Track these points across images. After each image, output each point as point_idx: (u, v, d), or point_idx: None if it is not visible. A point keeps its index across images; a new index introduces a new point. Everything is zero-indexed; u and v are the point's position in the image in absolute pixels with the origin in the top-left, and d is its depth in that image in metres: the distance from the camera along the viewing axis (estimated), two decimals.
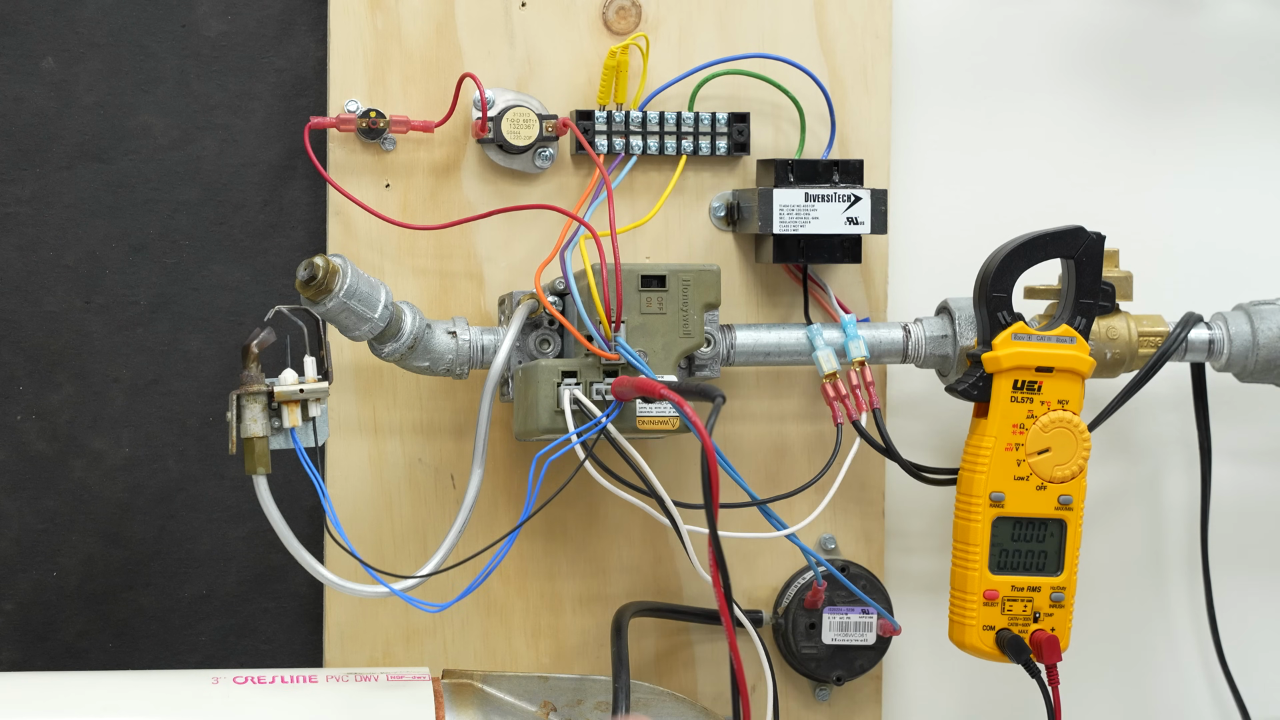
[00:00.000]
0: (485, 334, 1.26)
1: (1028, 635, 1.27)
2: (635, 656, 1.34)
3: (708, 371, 1.28)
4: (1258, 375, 1.34)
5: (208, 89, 1.31)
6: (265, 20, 1.32)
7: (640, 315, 1.23)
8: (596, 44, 1.32)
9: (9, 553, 1.31)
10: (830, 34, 1.35)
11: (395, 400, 1.31)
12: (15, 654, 1.31)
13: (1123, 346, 1.31)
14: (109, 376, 1.31)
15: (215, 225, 1.32)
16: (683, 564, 1.34)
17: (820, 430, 1.36)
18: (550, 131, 1.29)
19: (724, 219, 1.34)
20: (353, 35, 1.30)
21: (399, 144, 1.30)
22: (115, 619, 1.32)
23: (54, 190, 1.30)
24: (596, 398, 1.21)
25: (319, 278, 1.17)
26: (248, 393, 1.17)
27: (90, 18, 1.30)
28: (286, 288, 1.29)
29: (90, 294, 1.31)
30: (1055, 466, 1.27)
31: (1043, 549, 1.28)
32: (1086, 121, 1.43)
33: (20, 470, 1.31)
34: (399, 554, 1.31)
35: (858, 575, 1.35)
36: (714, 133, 1.32)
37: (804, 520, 1.29)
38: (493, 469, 1.31)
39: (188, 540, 1.33)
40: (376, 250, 1.31)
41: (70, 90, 1.30)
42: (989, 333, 1.26)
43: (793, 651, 1.34)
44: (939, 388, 1.33)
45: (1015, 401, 1.26)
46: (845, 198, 1.30)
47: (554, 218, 1.30)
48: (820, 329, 1.30)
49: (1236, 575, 1.45)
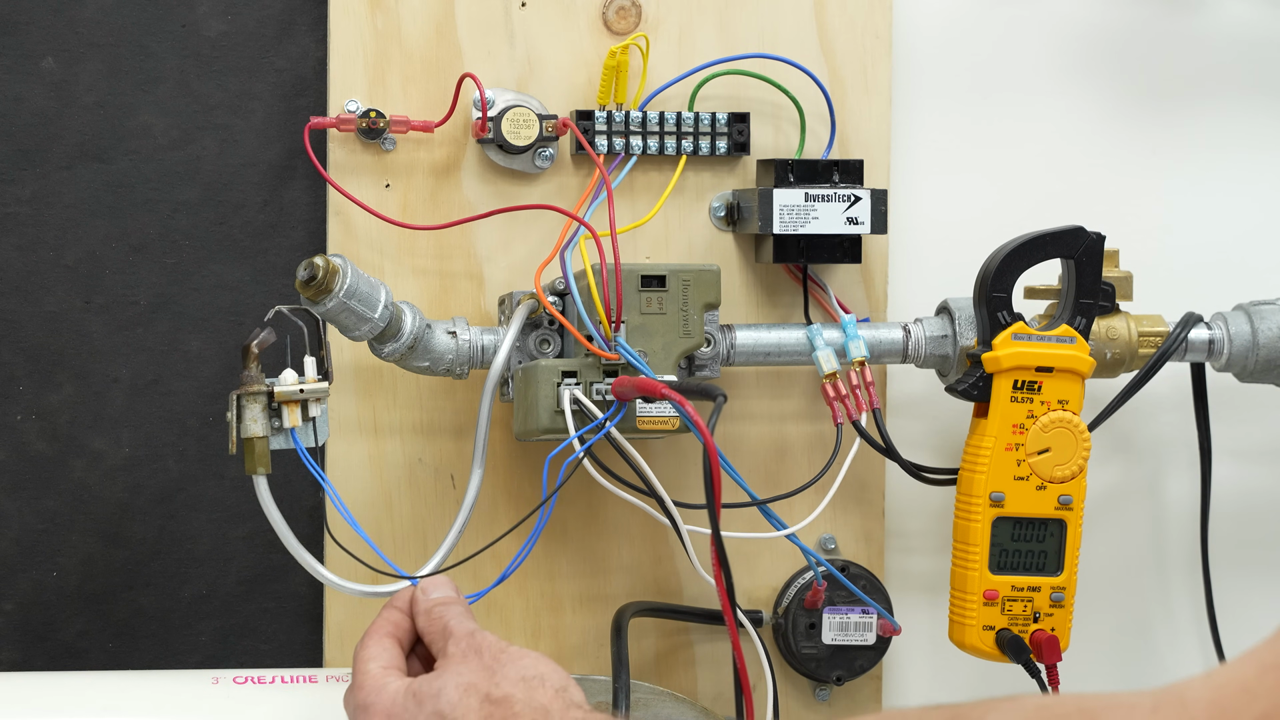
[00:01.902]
0: (485, 334, 1.26)
1: (1028, 635, 1.27)
2: (635, 656, 1.34)
3: (708, 371, 1.28)
4: (1258, 375, 1.34)
5: (208, 89, 1.31)
6: (265, 20, 1.32)
7: (640, 315, 1.23)
8: (596, 44, 1.32)
9: (9, 553, 1.31)
10: (830, 34, 1.35)
11: (395, 400, 1.31)
12: (15, 654, 1.31)
13: (1123, 346, 1.31)
14: (109, 376, 1.31)
15: (215, 225, 1.32)
16: (683, 564, 1.34)
17: (820, 430, 1.36)
18: (550, 131, 1.29)
19: (724, 219, 1.34)
20: (353, 35, 1.30)
21: (399, 144, 1.30)
22: (115, 619, 1.32)
23: (54, 190, 1.30)
24: (597, 398, 1.21)
25: (319, 278, 1.17)
26: (248, 393, 1.17)
27: (90, 18, 1.30)
28: (286, 288, 1.29)
29: (90, 294, 1.31)
30: (1055, 466, 1.27)
31: (1043, 549, 1.28)
32: (1086, 121, 1.43)
33: (20, 470, 1.31)
34: (399, 554, 1.31)
35: (858, 575, 1.35)
36: (714, 133, 1.32)
37: (804, 520, 1.29)
38: (493, 469, 1.31)
39: (188, 540, 1.33)
40: (376, 250, 1.31)
41: (70, 90, 1.30)
42: (989, 333, 1.26)
43: (793, 651, 1.34)
44: (939, 388, 1.33)
45: (1015, 401, 1.26)
46: (845, 198, 1.30)
47: (554, 218, 1.30)
48: (820, 329, 1.30)
49: (1236, 575, 1.45)
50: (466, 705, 1.00)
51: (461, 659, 1.04)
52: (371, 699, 1.05)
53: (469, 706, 1.00)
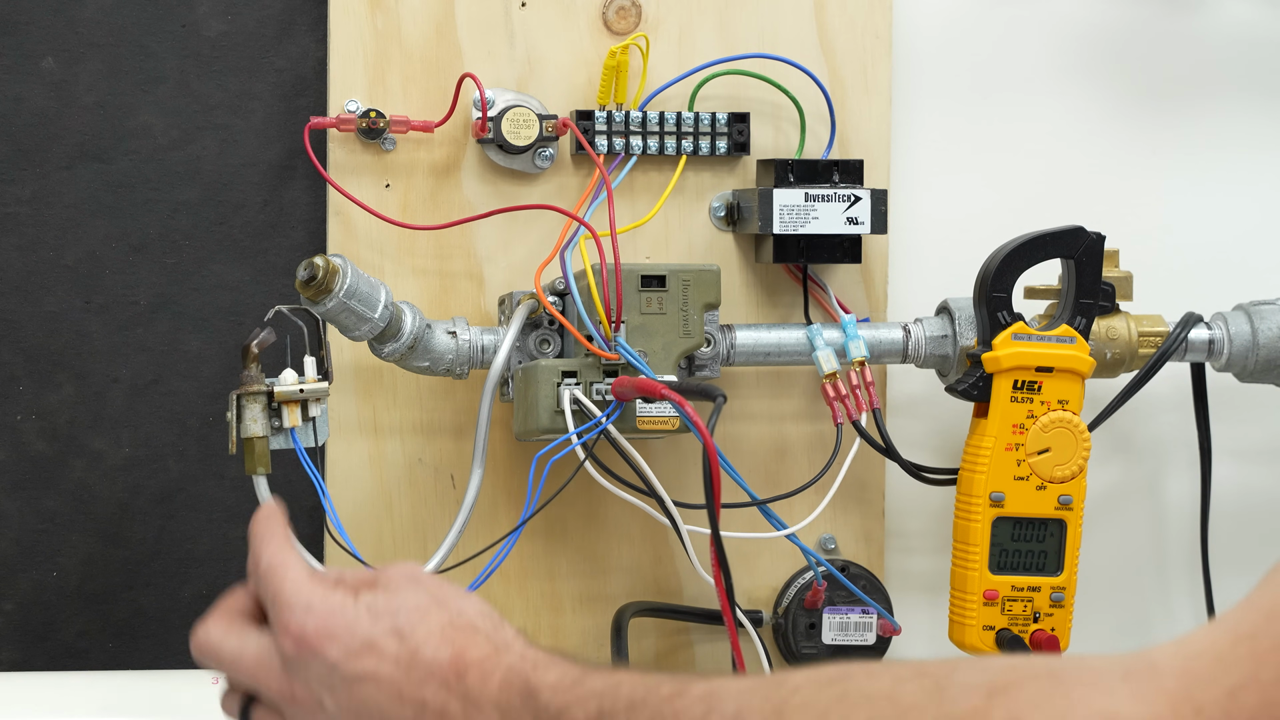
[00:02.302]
0: (485, 334, 1.26)
1: (1028, 635, 1.27)
2: (635, 656, 1.34)
3: (708, 371, 1.28)
4: (1258, 375, 1.34)
5: (208, 89, 1.31)
6: (265, 20, 1.32)
7: (640, 315, 1.23)
8: (596, 44, 1.32)
9: (9, 553, 1.31)
10: (830, 34, 1.35)
11: (395, 400, 1.31)
12: (15, 654, 1.31)
13: (1123, 346, 1.31)
14: (109, 376, 1.31)
15: (215, 225, 1.32)
16: (683, 564, 1.34)
17: (820, 430, 1.36)
18: (550, 131, 1.29)
19: (724, 219, 1.34)
20: (353, 35, 1.30)
21: (399, 144, 1.30)
22: (115, 619, 1.32)
23: (54, 190, 1.30)
24: (596, 398, 1.21)
25: (319, 278, 1.17)
26: (248, 393, 1.17)
27: (90, 18, 1.30)
28: (286, 288, 1.29)
29: (90, 294, 1.31)
30: (1055, 466, 1.27)
31: (1043, 549, 1.28)
32: (1086, 122, 1.43)
33: (20, 470, 1.31)
34: (399, 554, 1.31)
35: (858, 575, 1.35)
36: (714, 133, 1.32)
37: (804, 520, 1.29)
38: (493, 469, 1.31)
39: (188, 540, 1.33)
40: (376, 250, 1.31)
41: (70, 90, 1.30)
42: (989, 333, 1.26)
43: (793, 651, 1.34)
44: (939, 388, 1.32)
45: (1015, 401, 1.26)
46: (845, 198, 1.30)
47: (554, 218, 1.30)
48: (820, 329, 1.30)
49: (1236, 575, 1.45)
50: (427, 626, 0.93)
51: (400, 588, 0.96)
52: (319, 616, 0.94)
53: (430, 626, 0.93)
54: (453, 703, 0.91)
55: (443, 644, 0.92)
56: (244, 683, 0.98)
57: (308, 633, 0.94)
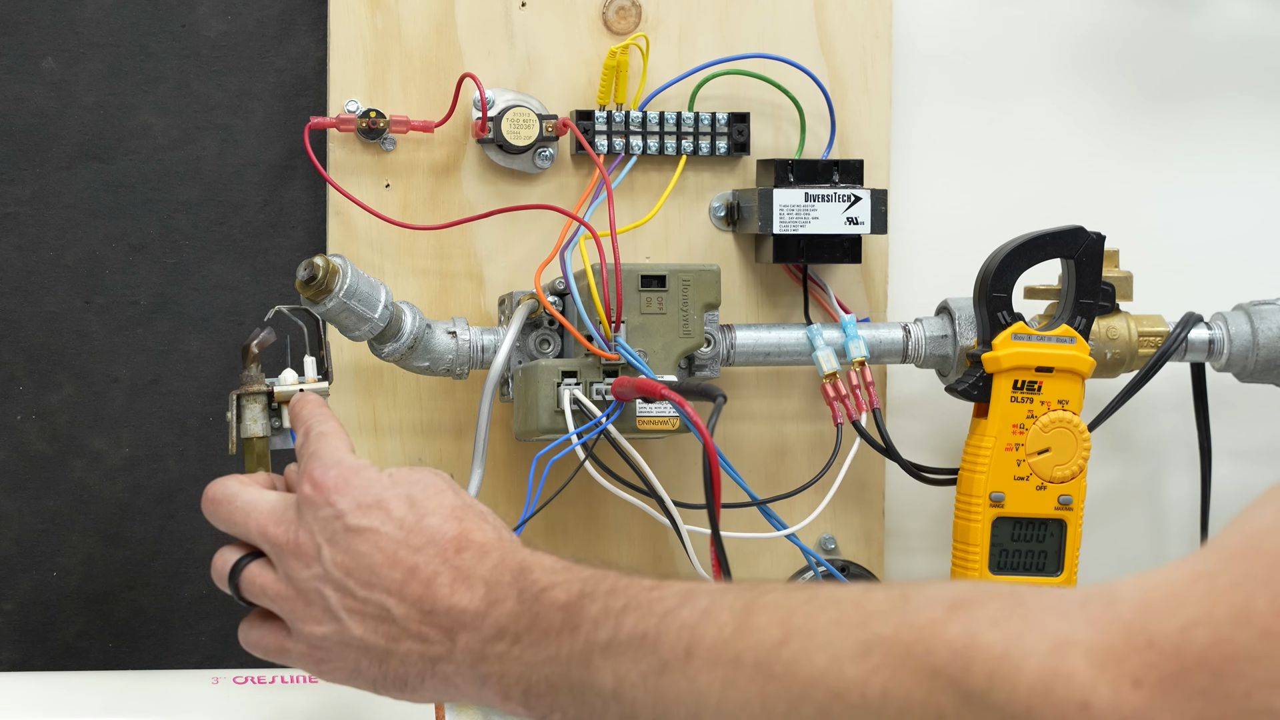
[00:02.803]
0: (485, 334, 1.26)
1: None
2: None
3: (708, 371, 1.28)
4: (1258, 375, 1.34)
5: (208, 89, 1.31)
6: (265, 20, 1.32)
7: (640, 315, 1.23)
8: (596, 44, 1.32)
9: (9, 553, 1.31)
10: (830, 34, 1.35)
11: (395, 400, 1.31)
12: (15, 654, 1.31)
13: (1123, 346, 1.31)
14: (109, 376, 1.31)
15: (215, 225, 1.32)
16: (683, 564, 1.34)
17: (820, 430, 1.36)
18: (550, 131, 1.29)
19: (724, 219, 1.34)
20: (353, 35, 1.30)
21: (399, 144, 1.30)
22: (115, 619, 1.32)
23: (54, 190, 1.30)
24: (596, 398, 1.22)
25: (319, 278, 1.17)
26: (248, 393, 1.17)
27: (90, 18, 1.30)
28: (286, 288, 1.29)
29: (90, 294, 1.31)
30: (1055, 466, 1.27)
31: (1043, 549, 1.28)
32: (1087, 122, 1.43)
33: (20, 470, 1.31)
34: None
35: (858, 575, 1.35)
36: (714, 133, 1.32)
37: (804, 520, 1.29)
38: (493, 469, 1.31)
39: (188, 540, 1.33)
40: (376, 250, 1.31)
41: (70, 90, 1.30)
42: (989, 333, 1.26)
43: None
44: (939, 388, 1.33)
45: (1015, 401, 1.26)
46: (845, 198, 1.30)
47: (554, 218, 1.30)
48: (820, 329, 1.30)
49: None
50: (440, 501, 0.98)
51: (426, 473, 1.02)
52: (342, 470, 1.00)
53: (442, 503, 0.98)
54: (444, 573, 0.95)
55: (450, 519, 0.98)
56: (250, 531, 1.02)
57: (327, 480, 0.99)
